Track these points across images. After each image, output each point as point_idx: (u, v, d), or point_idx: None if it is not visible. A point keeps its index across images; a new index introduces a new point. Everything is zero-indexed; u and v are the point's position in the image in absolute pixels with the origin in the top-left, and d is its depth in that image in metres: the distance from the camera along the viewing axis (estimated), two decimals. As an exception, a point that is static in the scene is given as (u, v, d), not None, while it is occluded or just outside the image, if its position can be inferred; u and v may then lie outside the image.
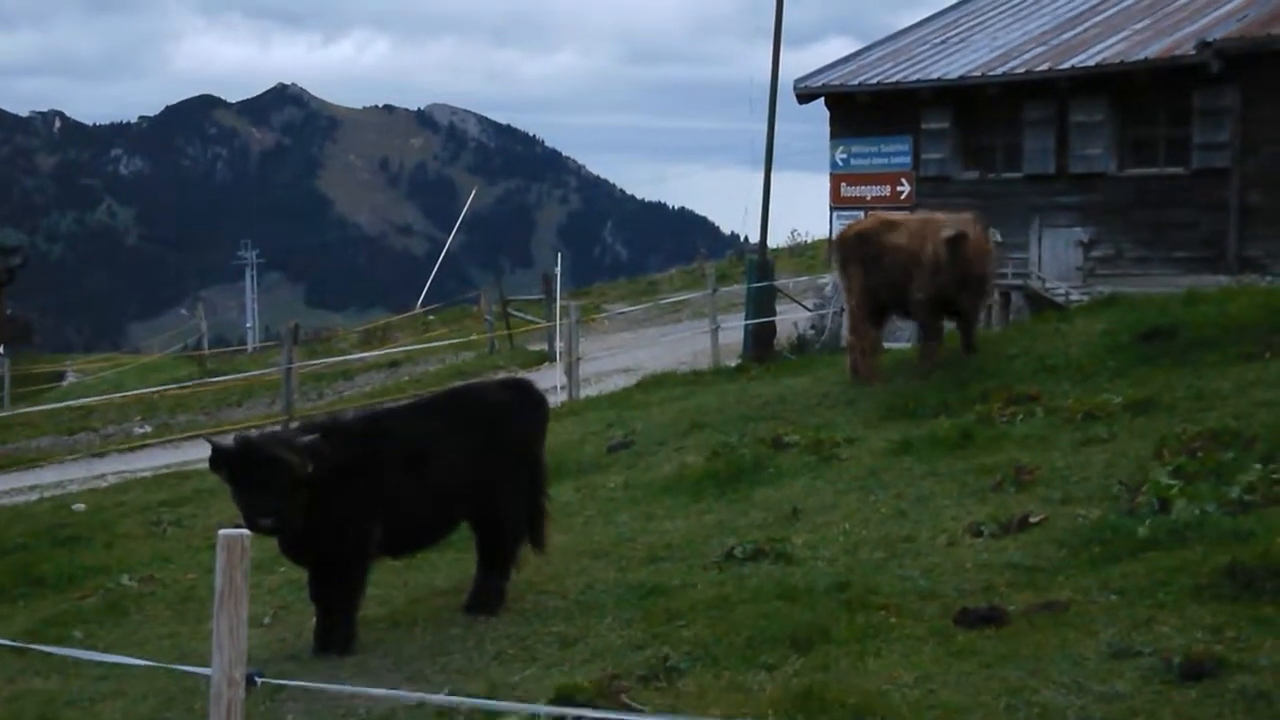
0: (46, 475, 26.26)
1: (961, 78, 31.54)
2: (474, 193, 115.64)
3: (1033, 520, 10.99)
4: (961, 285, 17.82)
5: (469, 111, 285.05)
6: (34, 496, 22.90)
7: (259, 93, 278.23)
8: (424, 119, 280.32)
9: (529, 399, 11.64)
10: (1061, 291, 29.19)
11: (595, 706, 8.06)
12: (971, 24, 35.05)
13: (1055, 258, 30.34)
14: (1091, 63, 29.60)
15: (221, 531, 6.69)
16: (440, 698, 7.72)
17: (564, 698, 8.12)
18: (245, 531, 6.70)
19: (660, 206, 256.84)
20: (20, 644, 10.17)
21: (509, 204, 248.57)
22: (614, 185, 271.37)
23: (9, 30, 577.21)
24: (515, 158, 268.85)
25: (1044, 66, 30.34)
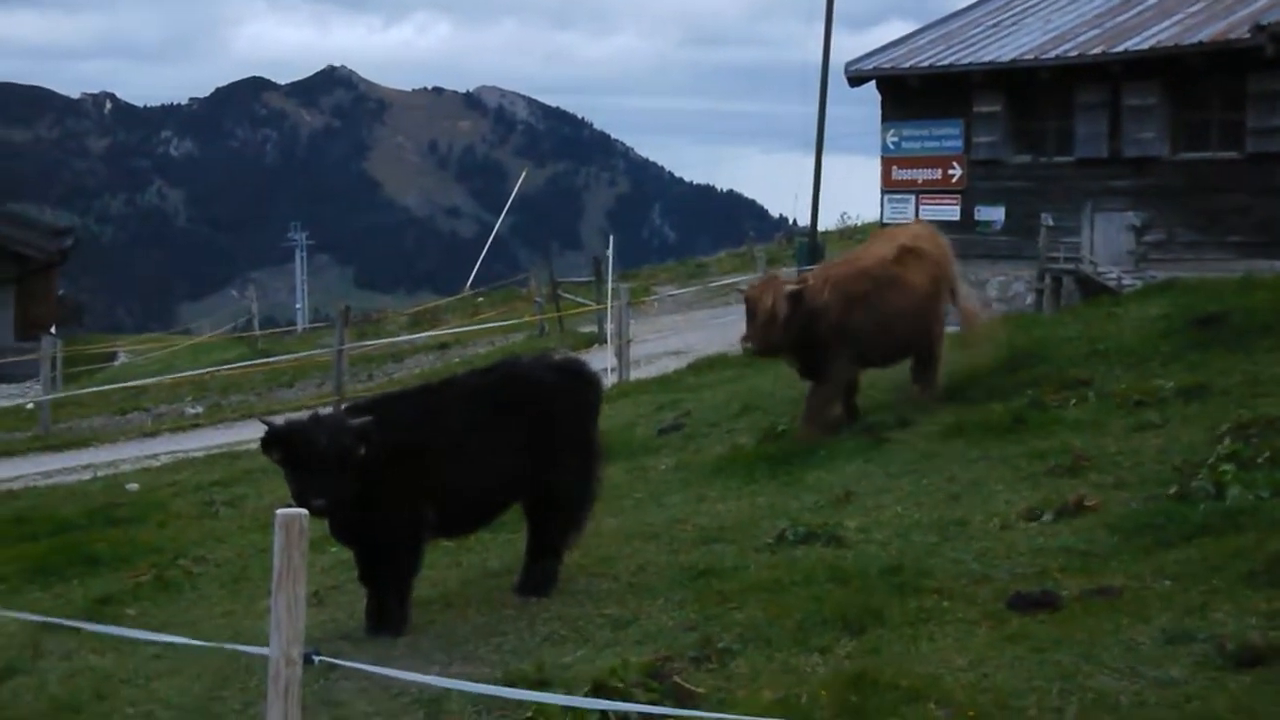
0: (100, 455, 26.39)
1: (1014, 61, 31.43)
2: (524, 175, 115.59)
3: (1086, 505, 10.96)
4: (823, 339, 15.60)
5: (518, 94, 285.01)
6: (87, 476, 23.04)
7: (308, 75, 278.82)
8: (473, 101, 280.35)
9: (581, 379, 11.61)
10: (1113, 276, 29.06)
11: (646, 688, 8.08)
12: (1024, 7, 34.89)
13: (1107, 242, 30.20)
14: (1145, 46, 29.45)
15: (279, 511, 6.72)
16: (492, 689, 7.73)
17: (606, 686, 8.10)
18: (303, 511, 6.73)
19: (709, 189, 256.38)
20: (77, 623, 10.25)
21: (557, 186, 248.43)
22: (663, 168, 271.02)
23: (71, 13, 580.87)
24: (564, 140, 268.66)
25: (1097, 50, 30.20)
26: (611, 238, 38.21)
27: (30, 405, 34.29)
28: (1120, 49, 29.84)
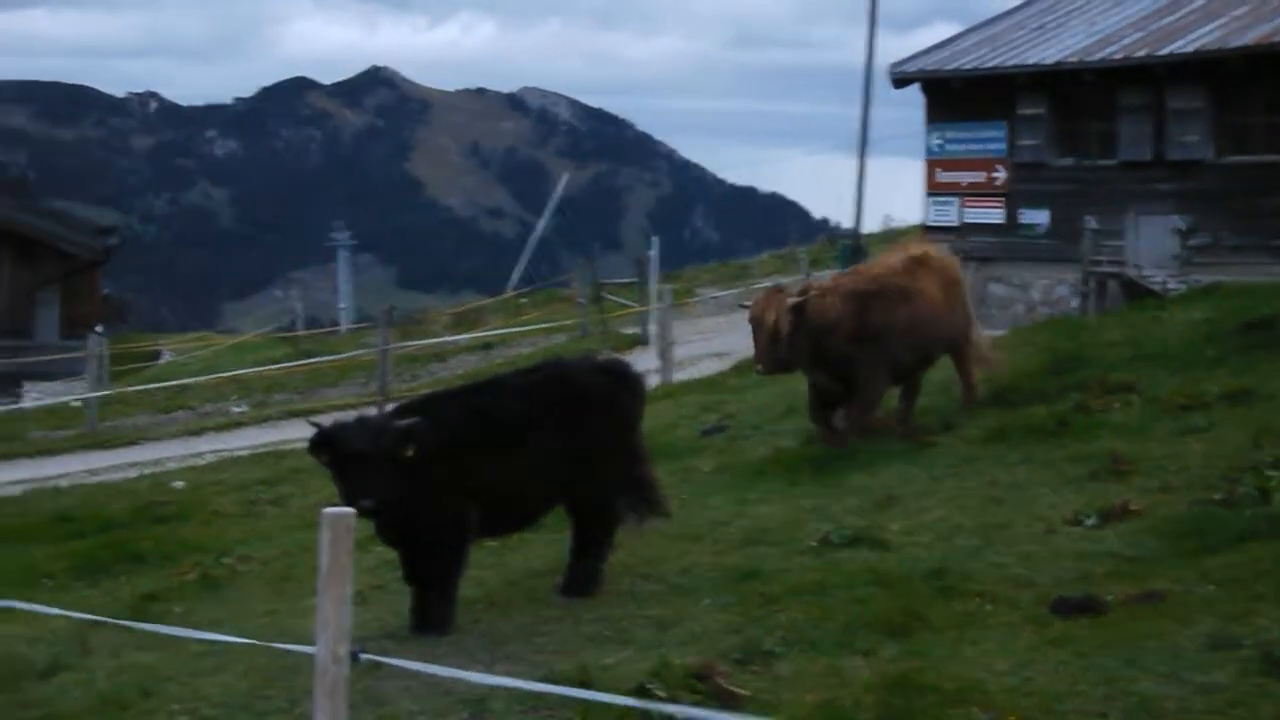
0: (145, 453, 26.54)
1: (1058, 63, 31.39)
2: (565, 178, 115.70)
3: (1130, 509, 10.94)
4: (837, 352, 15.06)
5: (560, 95, 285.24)
6: (133, 474, 23.18)
7: (352, 75, 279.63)
8: (515, 102, 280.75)
9: (624, 381, 11.64)
10: (1158, 280, 28.98)
11: (690, 690, 8.11)
12: (1068, 9, 34.82)
13: (1152, 246, 30.12)
14: (1190, 49, 29.37)
15: (325, 510, 6.77)
16: (537, 685, 7.77)
17: (649, 688, 8.12)
18: (349, 510, 6.77)
19: (751, 191, 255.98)
20: (124, 621, 10.32)
21: (599, 187, 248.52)
22: (705, 169, 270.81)
23: (113, 12, 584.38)
24: (606, 141, 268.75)
25: (1141, 53, 30.13)
26: (654, 239, 38.24)
27: (77, 403, 34.50)
28: (1165, 52, 29.76)
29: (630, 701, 7.22)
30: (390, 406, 11.08)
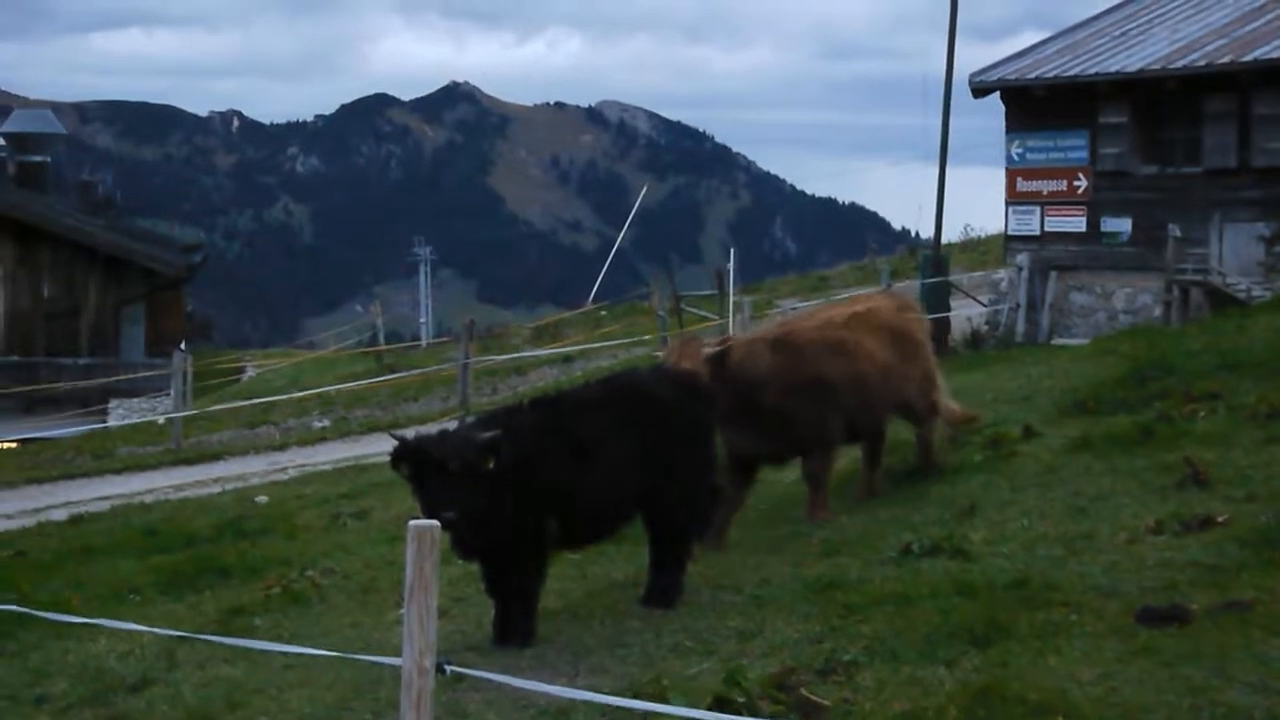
0: (229, 468, 26.76)
1: (1140, 71, 31.19)
2: (645, 190, 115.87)
3: (1216, 519, 10.85)
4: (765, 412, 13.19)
5: (639, 108, 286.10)
6: (217, 489, 23.38)
7: (431, 91, 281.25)
8: (594, 116, 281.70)
9: (699, 392, 11.66)
10: (1243, 288, 28.72)
11: (772, 700, 8.11)
12: (1150, 16, 34.58)
13: (1236, 253, 29.86)
14: (1275, 55, 29.14)
15: (411, 522, 6.81)
16: (619, 700, 7.79)
17: (730, 697, 8.12)
18: (435, 523, 6.81)
19: (830, 202, 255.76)
20: (210, 636, 10.42)
21: (678, 200, 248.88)
22: (784, 181, 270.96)
23: (212, 32, 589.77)
24: (685, 154, 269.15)
25: (1225, 59, 29.89)
26: (733, 250, 38.23)
27: (162, 420, 34.83)
28: (1249, 58, 29.51)
29: (711, 717, 7.22)
30: (469, 419, 11.10)
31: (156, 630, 10.11)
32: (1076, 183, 32.56)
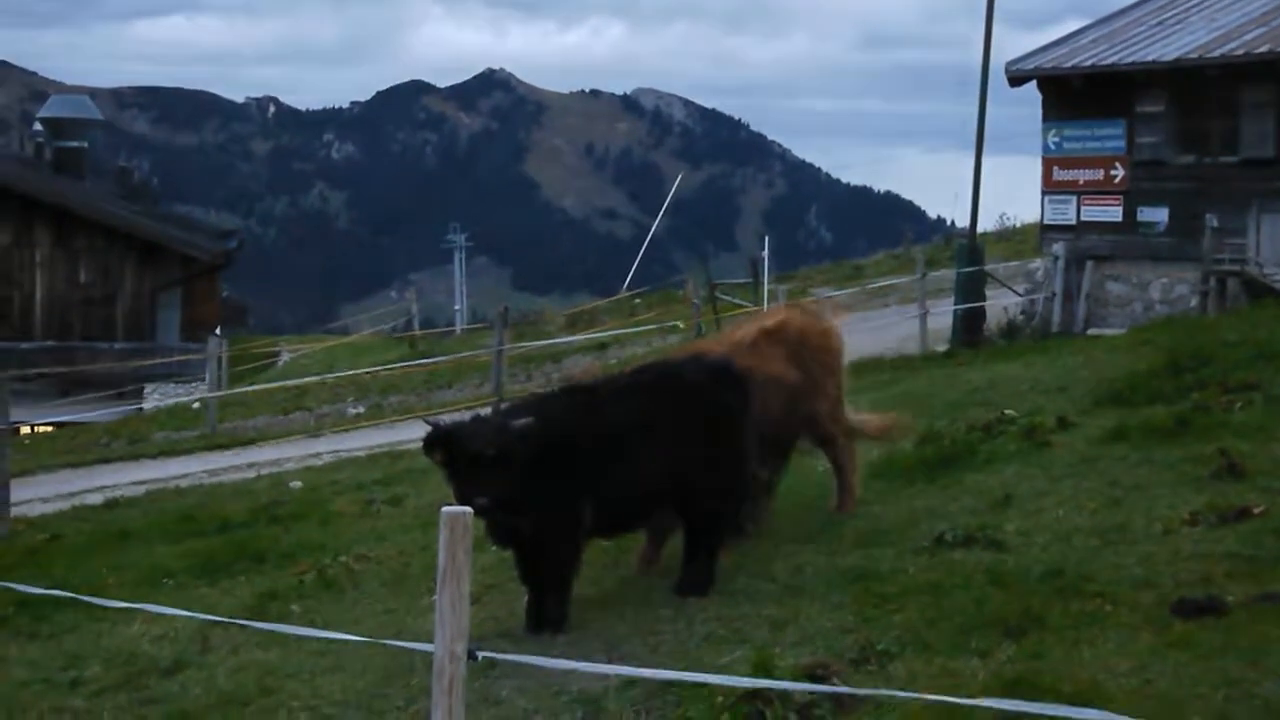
0: (264, 454, 26.83)
1: (1177, 60, 31.01)
2: (680, 178, 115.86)
3: (1253, 510, 10.79)
4: None
5: (674, 95, 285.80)
6: (252, 474, 23.43)
7: (467, 78, 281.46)
8: (629, 103, 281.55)
9: (733, 380, 11.61)
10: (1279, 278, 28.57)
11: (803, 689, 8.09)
12: (1188, 5, 34.38)
13: (1274, 244, 29.70)
14: (1314, 44, 28.92)
15: (444, 509, 6.80)
16: (650, 672, 7.79)
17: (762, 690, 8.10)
18: (468, 509, 6.80)
19: (866, 191, 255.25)
20: (244, 620, 10.44)
21: (713, 188, 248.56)
22: (819, 169, 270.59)
23: (255, 19, 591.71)
24: (720, 142, 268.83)
25: (1264, 48, 29.70)
26: (767, 239, 38.19)
27: (197, 405, 34.96)
28: (1288, 47, 29.33)
29: (743, 682, 7.21)
30: (503, 406, 11.04)
31: (191, 614, 10.13)
32: (1113, 172, 32.41)
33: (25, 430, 37.50)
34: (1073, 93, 33.00)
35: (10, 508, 19.42)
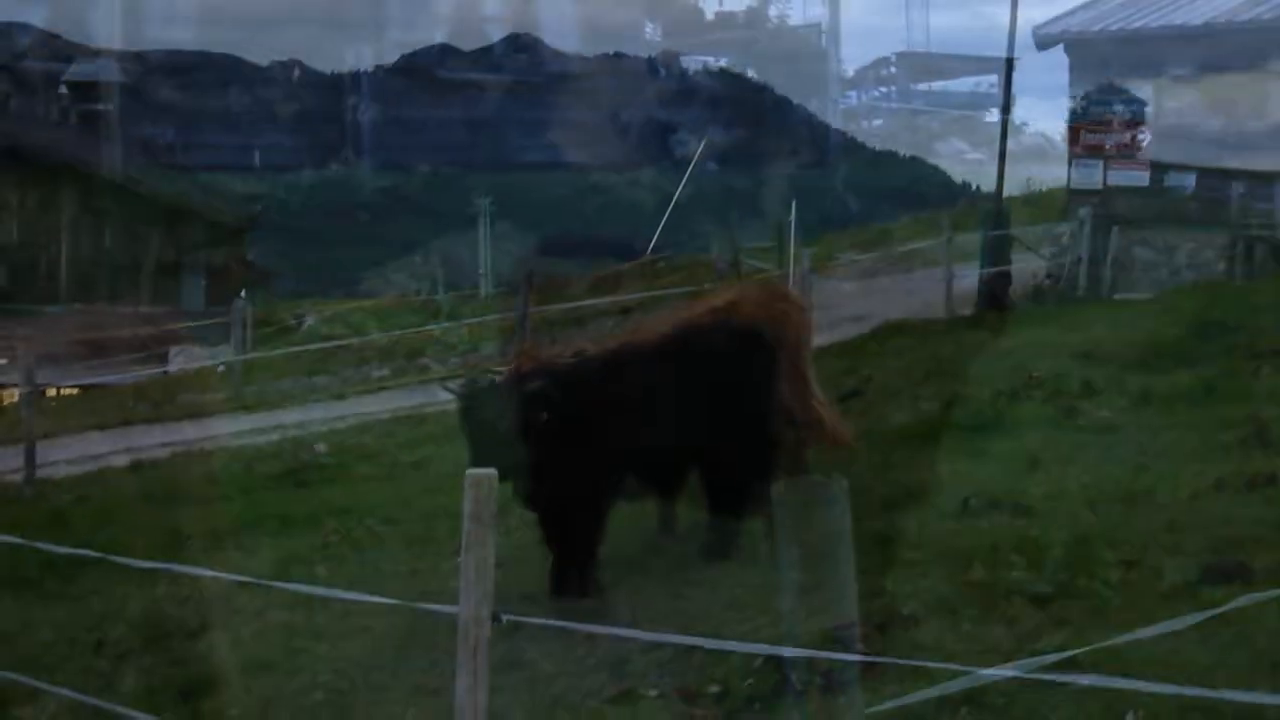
0: (288, 417, 26.80)
1: (1206, 24, 30.80)
2: (704, 143, 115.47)
3: (1278, 476, 10.75)
4: None
5: (700, 58, 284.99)
6: (277, 437, 23.41)
7: (491, 41, 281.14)
8: (654, 67, 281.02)
9: (759, 343, 11.55)
10: (1308, 243, 28.44)
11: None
12: (1217, -32, 34.15)
13: (1301, 209, 29.52)
14: (1344, 7, 28.73)
15: (469, 471, 6.78)
16: (675, 637, 7.79)
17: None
18: (492, 472, 6.78)
19: (892, 155, 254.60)
20: (271, 582, 10.45)
21: (738, 153, 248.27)
22: (845, 133, 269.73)
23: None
24: (745, 106, 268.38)
25: (1293, 11, 29.51)
26: (794, 203, 38.04)
27: (221, 368, 34.97)
28: (1317, 11, 29.14)
29: (767, 650, 7.19)
30: (526, 370, 10.99)
31: (216, 574, 10.15)
32: (1140, 136, 32.22)
33: (51, 393, 37.54)
34: (1100, 56, 32.82)
35: (36, 469, 19.45)
